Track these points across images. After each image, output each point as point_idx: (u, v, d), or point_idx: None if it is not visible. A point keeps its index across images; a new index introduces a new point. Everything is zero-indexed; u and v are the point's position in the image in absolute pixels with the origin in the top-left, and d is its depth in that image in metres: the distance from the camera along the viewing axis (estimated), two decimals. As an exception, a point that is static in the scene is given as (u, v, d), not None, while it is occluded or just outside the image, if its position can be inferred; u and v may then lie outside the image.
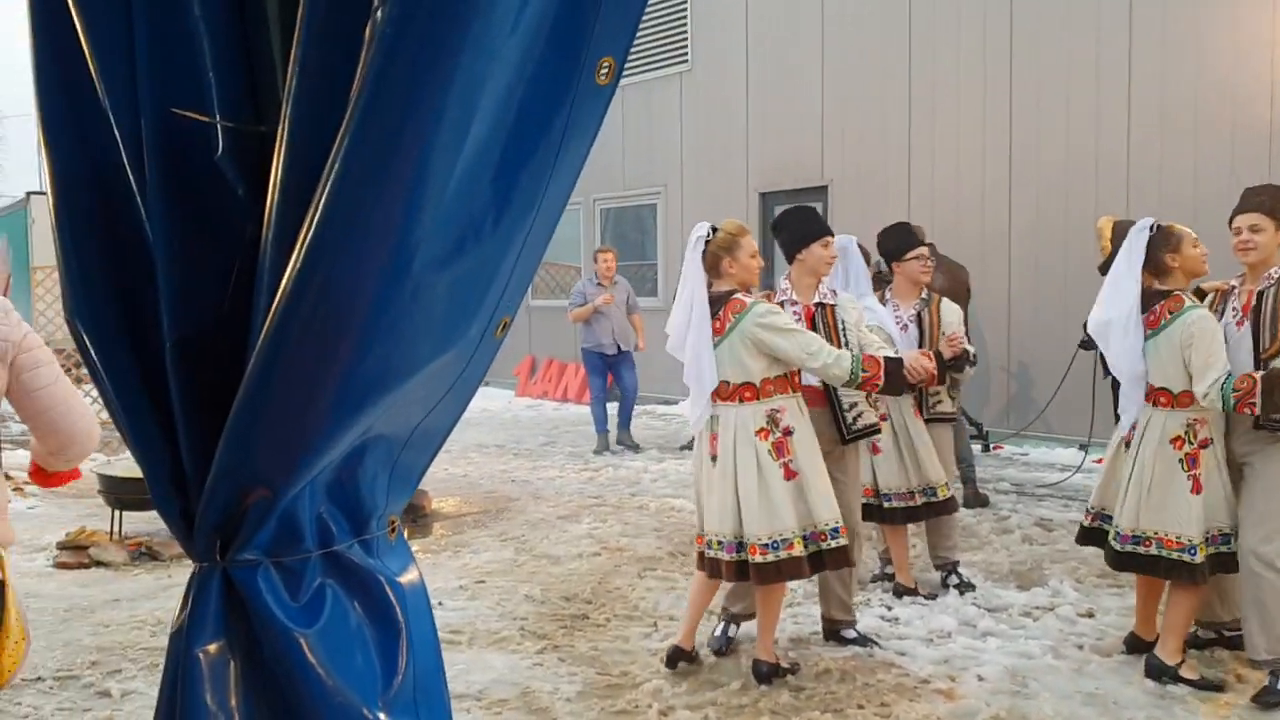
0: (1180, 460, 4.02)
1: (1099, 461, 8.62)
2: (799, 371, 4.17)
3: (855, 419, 4.51)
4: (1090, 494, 4.65)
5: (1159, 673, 4.09)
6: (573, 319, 10.19)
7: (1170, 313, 4.04)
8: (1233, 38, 8.10)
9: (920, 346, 5.23)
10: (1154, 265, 4.16)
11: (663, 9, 13.04)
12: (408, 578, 1.43)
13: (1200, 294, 4.23)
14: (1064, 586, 5.29)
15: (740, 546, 4.04)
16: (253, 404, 1.22)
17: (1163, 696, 3.96)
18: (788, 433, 4.04)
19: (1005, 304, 9.52)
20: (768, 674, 4.15)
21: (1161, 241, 4.16)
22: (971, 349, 5.22)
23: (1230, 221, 4.03)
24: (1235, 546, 3.98)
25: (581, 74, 1.18)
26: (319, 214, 1.14)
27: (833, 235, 4.51)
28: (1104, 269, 7.62)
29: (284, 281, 1.18)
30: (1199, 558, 3.97)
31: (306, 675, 1.30)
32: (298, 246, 1.17)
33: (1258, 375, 3.76)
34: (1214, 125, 8.23)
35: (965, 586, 5.25)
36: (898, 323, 5.31)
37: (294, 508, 1.30)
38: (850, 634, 4.55)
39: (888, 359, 4.10)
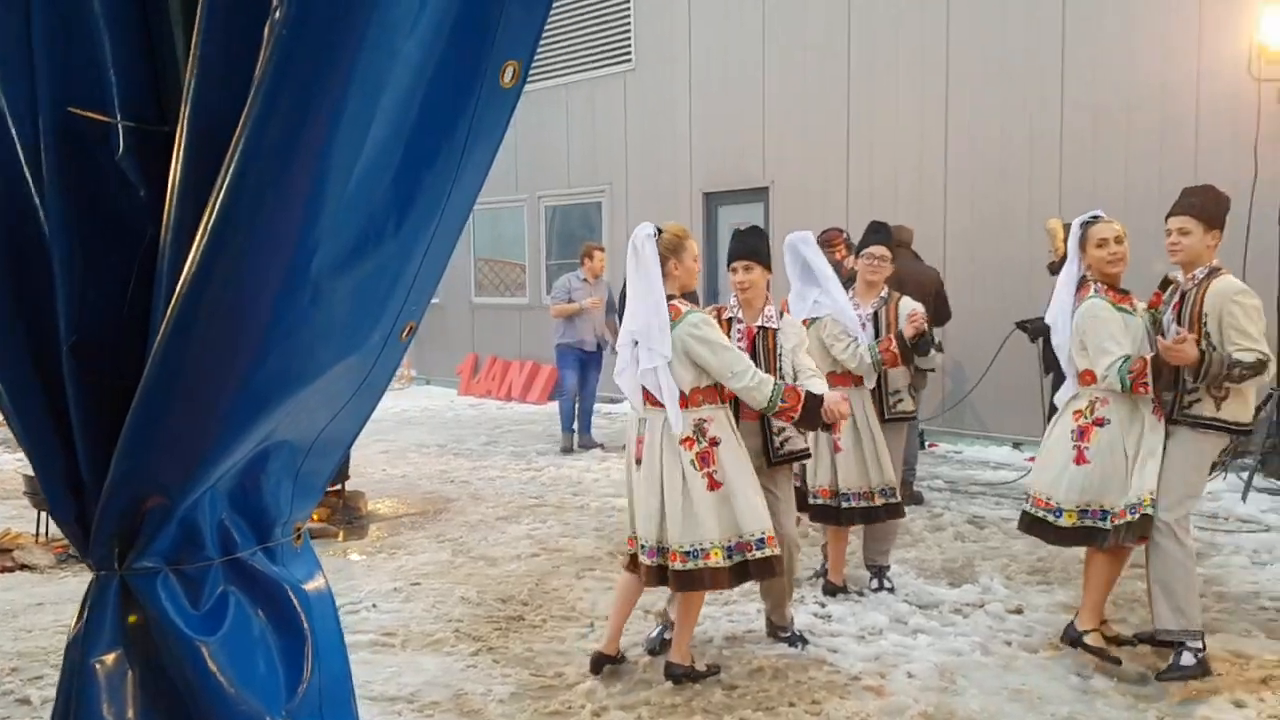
0: (1073, 430, 4.27)
1: (1032, 460, 8.82)
2: None
3: (782, 444, 4.51)
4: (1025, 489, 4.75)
5: (1073, 639, 4.34)
6: (555, 314, 10.09)
7: (1081, 301, 4.28)
8: (1162, 39, 8.28)
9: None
10: (1083, 258, 4.36)
11: (606, 8, 13.04)
12: (314, 585, 1.42)
13: (1166, 284, 4.37)
14: (994, 583, 5.37)
15: (661, 552, 4.05)
16: (149, 409, 1.20)
17: (1086, 691, 4.04)
18: (714, 443, 4.03)
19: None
20: (680, 676, 4.15)
21: (1081, 237, 4.33)
22: (936, 335, 5.22)
23: (1166, 220, 4.18)
24: (1111, 525, 4.15)
25: (485, 77, 1.18)
26: (215, 215, 1.13)
27: (743, 259, 4.44)
28: (1054, 269, 7.77)
29: (180, 284, 1.16)
30: (1063, 521, 4.23)
31: (207, 684, 1.28)
32: (194, 248, 1.15)
33: (1148, 356, 4.00)
34: (1143, 124, 8.41)
35: (888, 591, 5.29)
36: (859, 322, 5.34)
37: (194, 514, 1.28)
38: (784, 631, 4.58)
39: (808, 394, 4.10)
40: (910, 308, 5.30)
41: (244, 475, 1.30)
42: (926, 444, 9.53)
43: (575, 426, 9.93)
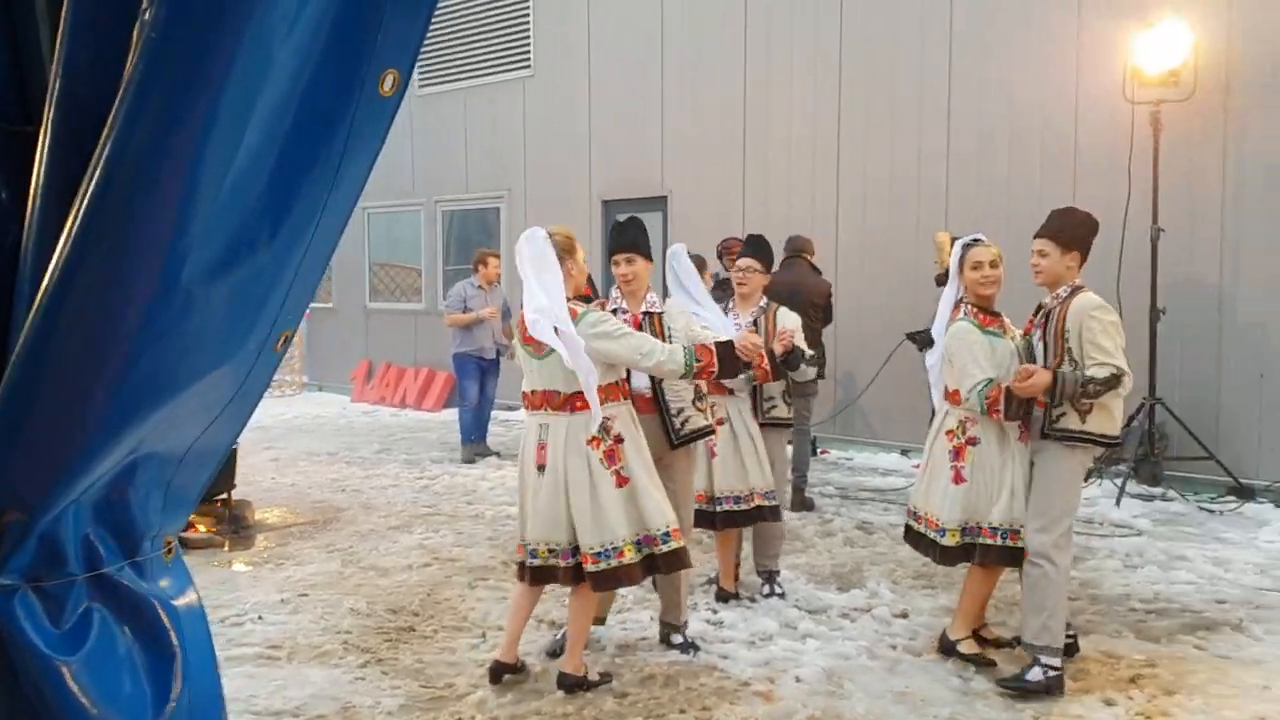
0: (949, 451, 4.42)
1: (918, 467, 9.06)
2: (628, 379, 4.22)
3: (683, 424, 4.59)
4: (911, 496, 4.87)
5: (947, 649, 4.51)
6: (451, 323, 9.90)
7: (953, 322, 4.47)
8: (1042, 63, 8.60)
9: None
10: (961, 279, 4.50)
11: (505, 14, 12.99)
12: (184, 600, 1.37)
13: (1039, 310, 4.50)
14: (881, 588, 5.50)
15: (575, 553, 4.07)
16: (8, 420, 1.15)
17: (966, 693, 4.16)
18: (619, 440, 4.07)
19: (834, 315, 9.82)
20: (572, 686, 4.16)
21: (960, 259, 4.49)
22: (808, 350, 5.33)
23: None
24: (992, 541, 4.31)
25: (364, 85, 1.16)
26: (80, 220, 1.09)
27: (625, 250, 4.53)
28: (940, 281, 7.99)
29: (42, 290, 1.12)
30: (947, 540, 4.37)
31: (69, 705, 1.23)
32: (58, 254, 1.11)
33: (1003, 385, 4.15)
34: (1025, 146, 8.72)
35: (778, 596, 5.37)
36: (736, 330, 5.41)
37: (56, 529, 1.23)
38: (677, 639, 4.61)
39: (718, 343, 4.19)
40: (788, 318, 5.40)
41: (111, 488, 1.25)
42: (819, 451, 9.70)
43: (475, 437, 9.82)
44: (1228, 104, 7.71)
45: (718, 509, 5.22)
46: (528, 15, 12.74)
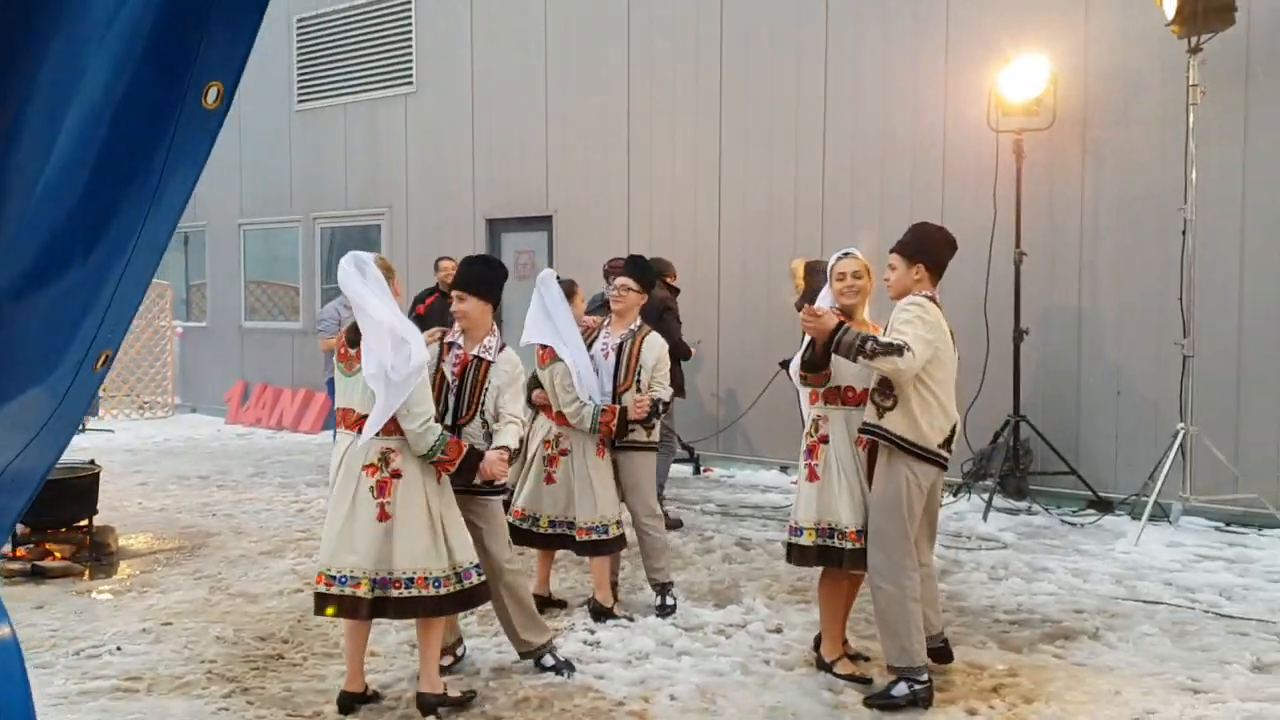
0: (805, 450, 4.53)
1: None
2: None
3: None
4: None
5: (824, 667, 4.58)
6: (325, 349, 9.55)
7: None
8: (913, 92, 8.88)
9: (617, 375, 5.39)
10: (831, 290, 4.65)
11: (387, 28, 12.85)
12: (-3, 633, 1.31)
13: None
14: (757, 604, 5.56)
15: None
16: None
17: (836, 706, 4.23)
18: (396, 475, 4.02)
19: (715, 334, 9.96)
20: (432, 705, 4.13)
21: (829, 270, 4.68)
22: (664, 396, 5.42)
23: None
24: (857, 544, 4.36)
25: (185, 98, 1.13)
26: (-125, 234, 1.04)
27: (463, 290, 4.50)
28: (799, 307, 8.13)
29: None
30: (804, 540, 4.45)
31: None
32: None
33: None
34: (896, 170, 8.99)
35: (668, 610, 5.41)
36: (602, 350, 5.44)
37: None
38: (549, 661, 4.58)
39: (470, 450, 4.16)
40: (652, 347, 5.48)
41: (-86, 515, 1.19)
42: (701, 469, 9.79)
43: None
44: (1085, 134, 8.09)
45: (536, 530, 5.32)
46: (410, 31, 12.63)
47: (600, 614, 5.35)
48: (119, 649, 4.93)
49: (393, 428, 4.00)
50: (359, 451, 4.02)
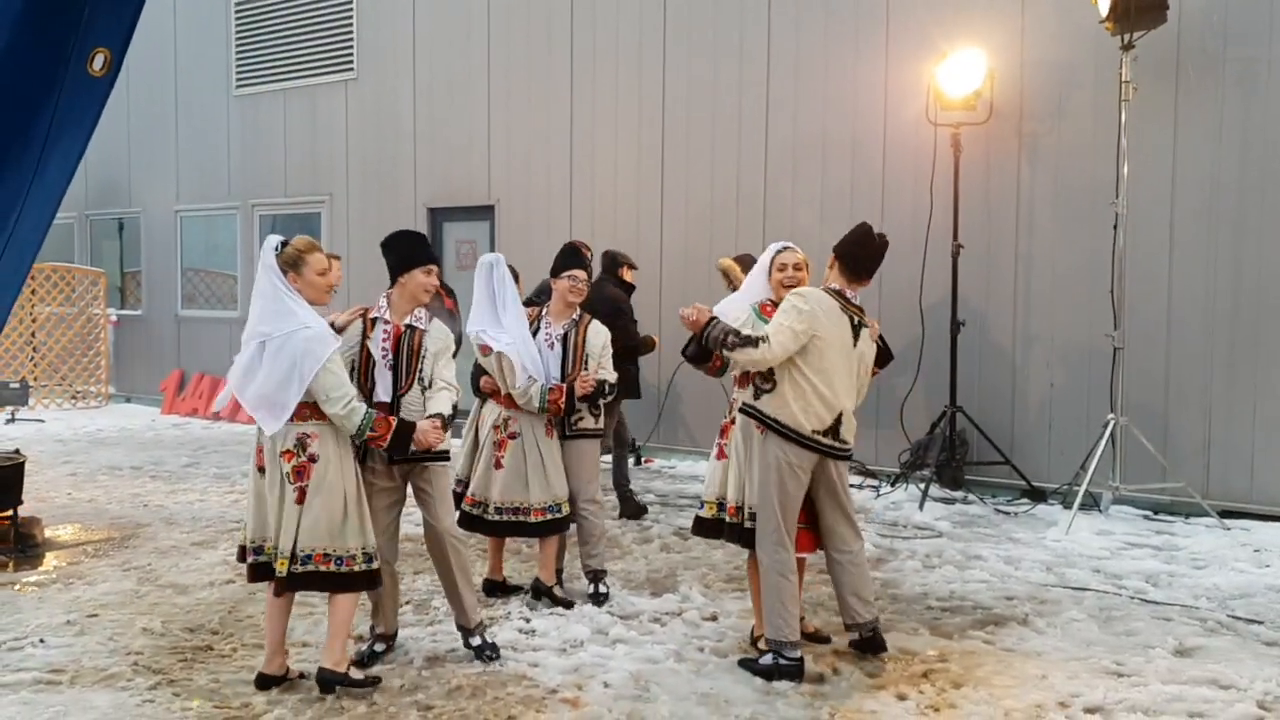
0: (720, 429, 4.84)
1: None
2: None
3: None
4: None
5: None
6: None
7: None
8: (853, 90, 8.94)
9: (565, 366, 5.39)
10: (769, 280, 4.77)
11: (327, 13, 12.67)
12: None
13: None
14: (693, 592, 5.58)
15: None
16: None
17: (769, 693, 4.26)
18: (312, 459, 4.08)
19: (657, 325, 9.92)
20: (329, 682, 4.16)
21: (769, 262, 4.78)
22: (609, 379, 5.43)
23: None
24: (735, 520, 4.63)
25: (70, 63, 1.10)
26: None
27: (435, 264, 4.57)
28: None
29: None
30: (704, 512, 4.81)
31: None
32: None
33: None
34: (837, 166, 9.05)
35: (602, 597, 5.42)
36: (546, 340, 5.42)
37: None
38: (475, 640, 4.56)
39: (400, 421, 4.21)
40: (598, 335, 5.49)
41: None
42: (643, 460, 9.80)
43: None
44: (1021, 128, 8.20)
45: (489, 517, 5.30)
46: (351, 16, 12.47)
47: (541, 593, 5.37)
48: (42, 641, 4.83)
49: (308, 413, 4.06)
50: (279, 437, 4.08)
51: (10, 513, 6.56)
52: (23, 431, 11.59)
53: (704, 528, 4.81)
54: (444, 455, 4.55)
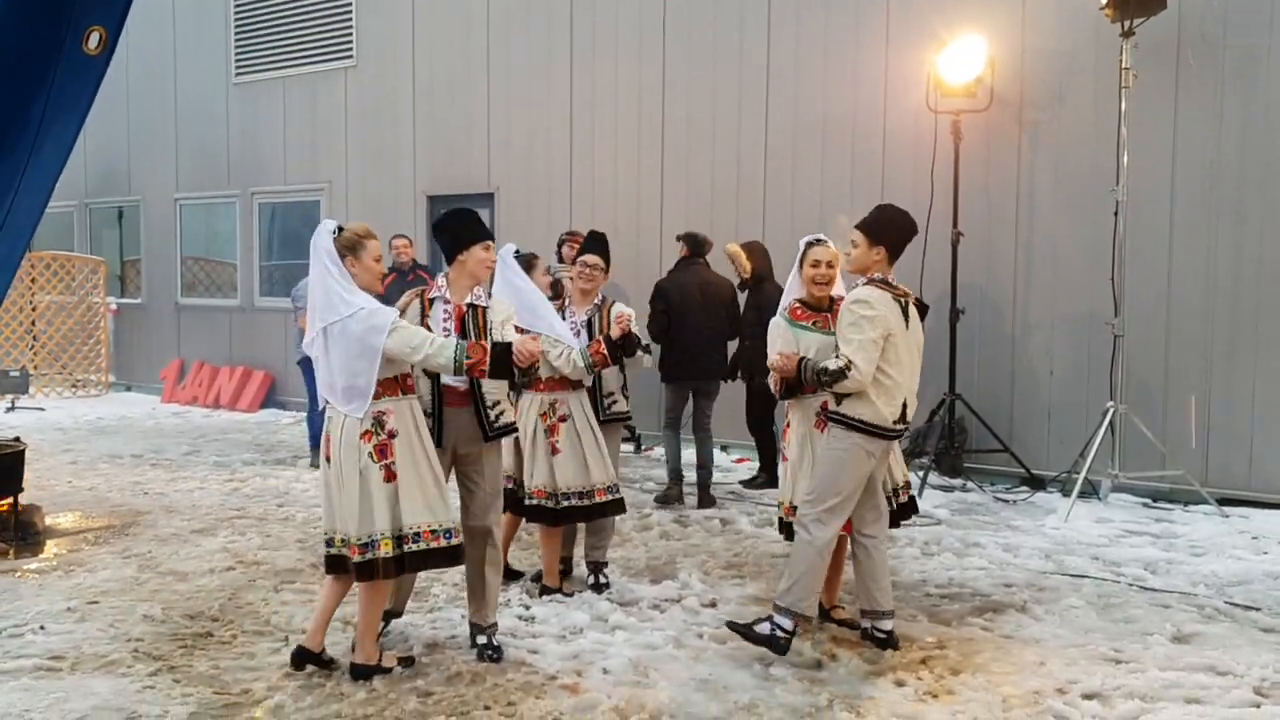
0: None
1: (739, 461, 9.26)
2: (410, 375, 4.22)
3: (498, 417, 4.54)
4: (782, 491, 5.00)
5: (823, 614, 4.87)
6: (303, 325, 9.32)
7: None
8: (854, 77, 8.92)
9: None
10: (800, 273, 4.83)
11: (327, 1, 12.63)
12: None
13: None
14: (692, 579, 5.59)
15: (345, 543, 4.12)
16: None
17: (767, 679, 4.27)
18: (392, 435, 4.08)
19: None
20: (366, 674, 4.19)
21: (801, 255, 4.81)
22: (644, 339, 5.41)
23: None
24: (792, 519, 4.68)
25: (65, 40, 1.10)
26: None
27: (493, 240, 4.56)
28: (744, 287, 8.18)
29: None
30: (786, 517, 4.80)
31: None
32: None
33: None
34: (838, 153, 9.03)
35: (602, 586, 5.42)
36: (573, 328, 5.41)
37: None
38: (482, 639, 4.54)
39: (495, 344, 4.17)
40: (620, 311, 5.45)
41: None
42: (643, 449, 9.80)
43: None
44: (1022, 116, 8.18)
45: (560, 504, 5.23)
46: (350, 3, 12.44)
47: (546, 591, 5.36)
48: (42, 628, 4.84)
49: (380, 390, 4.04)
50: (353, 421, 4.05)
51: (11, 500, 6.57)
52: (23, 420, 11.59)
53: (788, 530, 4.81)
54: (514, 427, 4.63)
